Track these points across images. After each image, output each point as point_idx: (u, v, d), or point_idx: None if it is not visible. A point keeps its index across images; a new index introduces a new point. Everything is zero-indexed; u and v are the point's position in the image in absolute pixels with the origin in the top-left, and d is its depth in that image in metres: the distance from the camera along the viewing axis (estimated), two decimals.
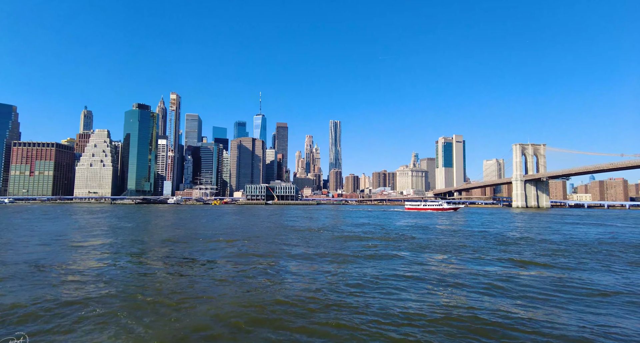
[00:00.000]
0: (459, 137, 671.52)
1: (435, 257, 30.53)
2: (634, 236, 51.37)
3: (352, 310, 15.64)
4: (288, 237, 44.85)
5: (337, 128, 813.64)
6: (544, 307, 16.48)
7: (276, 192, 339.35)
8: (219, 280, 21.10)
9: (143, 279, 21.35)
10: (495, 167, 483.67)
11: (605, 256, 31.46)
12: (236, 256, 29.94)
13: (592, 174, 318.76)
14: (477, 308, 16.12)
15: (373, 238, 45.30)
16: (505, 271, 24.61)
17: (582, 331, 13.57)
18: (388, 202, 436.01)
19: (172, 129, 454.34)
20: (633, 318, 15.16)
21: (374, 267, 25.34)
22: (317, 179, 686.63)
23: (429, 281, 21.21)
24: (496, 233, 53.53)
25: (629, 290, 19.47)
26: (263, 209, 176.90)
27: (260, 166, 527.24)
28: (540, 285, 20.72)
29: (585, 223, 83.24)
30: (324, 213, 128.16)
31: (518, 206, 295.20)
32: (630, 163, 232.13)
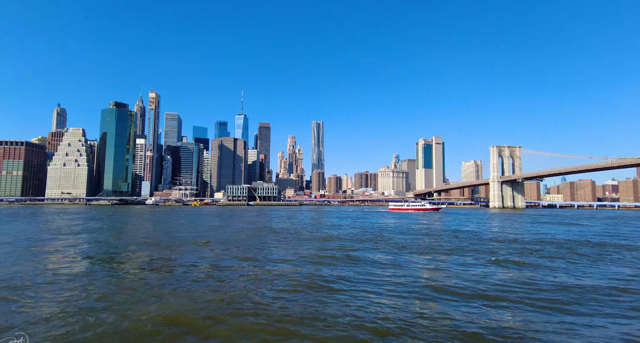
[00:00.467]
0: (439, 139, 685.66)
1: (420, 258, 31.02)
2: (596, 235, 53.83)
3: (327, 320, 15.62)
4: (267, 238, 44.54)
5: (319, 129, 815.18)
6: (514, 308, 17.00)
7: (258, 193, 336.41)
8: (194, 280, 20.72)
9: (108, 287, 20.39)
10: (473, 168, 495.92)
11: (571, 254, 32.84)
12: (212, 259, 29.44)
13: (563, 175, 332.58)
14: (453, 315, 16.44)
15: (355, 239, 45.56)
16: (487, 270, 25.28)
17: (555, 331, 14.07)
18: (370, 203, 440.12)
19: (151, 128, 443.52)
20: (605, 318, 15.84)
21: (352, 269, 25.49)
22: (300, 180, 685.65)
23: (407, 285, 21.48)
24: (478, 233, 54.95)
25: (596, 286, 20.40)
26: (244, 210, 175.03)
27: (242, 167, 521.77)
28: (516, 284, 21.38)
29: (560, 223, 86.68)
30: (305, 214, 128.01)
31: (495, 206, 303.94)
32: (597, 165, 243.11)
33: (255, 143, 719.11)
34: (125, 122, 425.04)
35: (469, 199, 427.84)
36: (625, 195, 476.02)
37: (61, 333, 13.02)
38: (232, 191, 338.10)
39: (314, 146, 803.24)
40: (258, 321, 14.55)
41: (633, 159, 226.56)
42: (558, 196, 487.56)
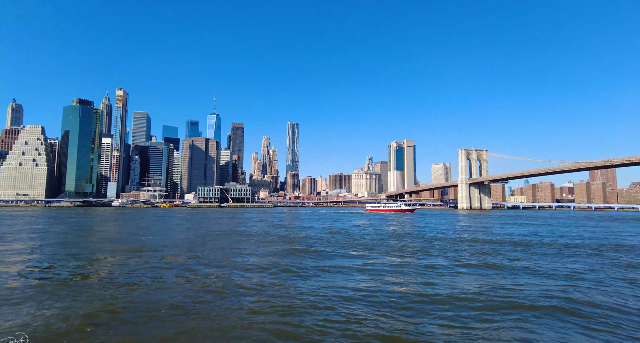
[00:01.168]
0: (410, 142, 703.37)
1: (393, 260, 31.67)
2: (550, 236, 57.34)
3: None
4: (237, 241, 43.96)
5: (294, 130, 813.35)
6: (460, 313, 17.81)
7: (231, 194, 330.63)
8: (153, 289, 20.12)
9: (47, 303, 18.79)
10: (442, 171, 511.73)
11: (528, 254, 34.84)
12: (176, 265, 28.70)
13: (526, 178, 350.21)
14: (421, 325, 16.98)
15: (332, 244, 45.84)
16: (450, 270, 26.26)
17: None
18: (343, 204, 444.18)
19: (118, 127, 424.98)
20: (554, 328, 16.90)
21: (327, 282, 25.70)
22: (274, 181, 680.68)
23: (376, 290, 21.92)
24: (453, 233, 56.88)
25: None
26: (216, 212, 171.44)
27: (214, 168, 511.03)
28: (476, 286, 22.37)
29: (523, 223, 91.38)
30: (279, 216, 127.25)
31: (463, 207, 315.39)
32: (555, 168, 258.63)
33: (228, 144, 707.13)
34: (90, 120, 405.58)
35: (439, 200, 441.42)
36: (579, 197, 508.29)
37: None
38: (204, 193, 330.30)
39: (288, 147, 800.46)
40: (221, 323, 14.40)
41: (586, 163, 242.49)
42: (521, 197, 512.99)
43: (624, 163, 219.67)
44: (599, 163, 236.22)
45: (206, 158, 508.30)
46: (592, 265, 28.93)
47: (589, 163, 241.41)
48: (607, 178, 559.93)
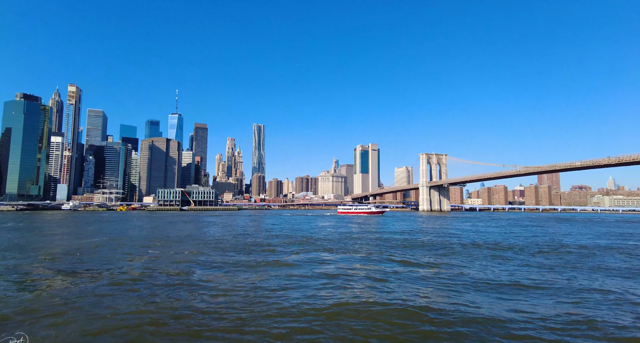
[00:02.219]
0: (375, 145, 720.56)
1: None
2: (493, 236, 61.13)
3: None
4: (192, 246, 42.63)
5: (260, 132, 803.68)
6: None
7: (193, 197, 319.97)
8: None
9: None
10: (405, 174, 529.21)
11: (468, 255, 36.92)
12: (120, 277, 27.29)
13: (482, 181, 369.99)
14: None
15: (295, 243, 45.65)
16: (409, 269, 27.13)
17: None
18: (310, 206, 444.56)
19: (70, 125, 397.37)
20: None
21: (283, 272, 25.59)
22: (239, 183, 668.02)
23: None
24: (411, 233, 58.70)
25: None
26: (177, 215, 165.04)
27: (175, 169, 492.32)
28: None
29: (478, 224, 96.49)
30: (241, 220, 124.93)
31: (424, 209, 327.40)
32: (508, 173, 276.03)
33: (191, 145, 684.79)
34: (37, 117, 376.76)
35: (401, 202, 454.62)
36: (529, 199, 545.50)
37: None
38: (164, 195, 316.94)
39: (254, 149, 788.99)
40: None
41: (534, 168, 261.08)
42: (478, 200, 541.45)
43: (566, 168, 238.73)
44: (545, 167, 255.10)
45: (167, 159, 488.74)
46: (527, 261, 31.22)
47: (537, 168, 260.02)
48: (552, 181, 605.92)
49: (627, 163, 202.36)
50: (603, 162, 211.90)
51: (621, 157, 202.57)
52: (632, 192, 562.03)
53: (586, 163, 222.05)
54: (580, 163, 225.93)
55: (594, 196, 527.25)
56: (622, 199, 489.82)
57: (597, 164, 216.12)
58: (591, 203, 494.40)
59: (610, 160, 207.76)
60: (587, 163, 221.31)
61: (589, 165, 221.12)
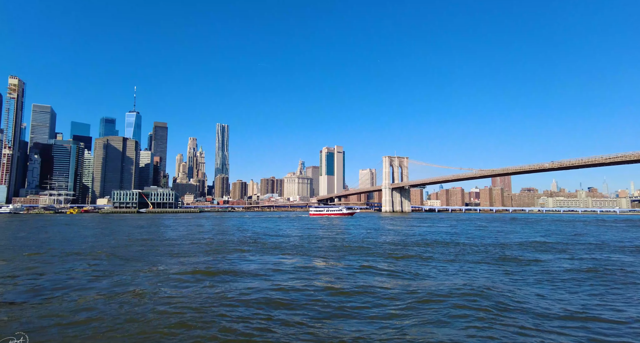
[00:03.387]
0: (340, 148, 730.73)
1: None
2: (445, 236, 64.91)
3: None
4: (144, 251, 41.28)
5: (224, 132, 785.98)
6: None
7: (151, 199, 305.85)
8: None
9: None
10: (369, 176, 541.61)
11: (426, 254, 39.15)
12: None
13: (440, 183, 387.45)
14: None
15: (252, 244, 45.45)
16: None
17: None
18: (275, 208, 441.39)
19: (11, 121, 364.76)
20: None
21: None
22: (201, 185, 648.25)
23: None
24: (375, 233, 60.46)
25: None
26: (133, 218, 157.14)
27: (132, 170, 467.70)
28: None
29: (437, 225, 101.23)
30: (206, 222, 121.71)
31: (387, 210, 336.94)
32: (464, 175, 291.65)
33: (149, 144, 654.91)
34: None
35: (365, 204, 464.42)
36: (484, 201, 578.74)
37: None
38: (119, 197, 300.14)
39: (217, 149, 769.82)
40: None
41: (488, 171, 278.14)
42: (437, 201, 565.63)
43: (516, 171, 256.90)
44: (498, 171, 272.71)
45: (123, 159, 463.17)
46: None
47: (491, 171, 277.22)
48: (504, 184, 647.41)
49: (567, 167, 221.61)
50: (547, 166, 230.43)
51: (562, 161, 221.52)
52: (571, 194, 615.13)
53: (533, 167, 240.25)
54: (528, 167, 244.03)
55: (540, 197, 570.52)
56: (563, 200, 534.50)
57: (542, 168, 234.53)
58: (537, 204, 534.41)
59: (553, 164, 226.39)
60: (534, 167, 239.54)
61: (536, 169, 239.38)
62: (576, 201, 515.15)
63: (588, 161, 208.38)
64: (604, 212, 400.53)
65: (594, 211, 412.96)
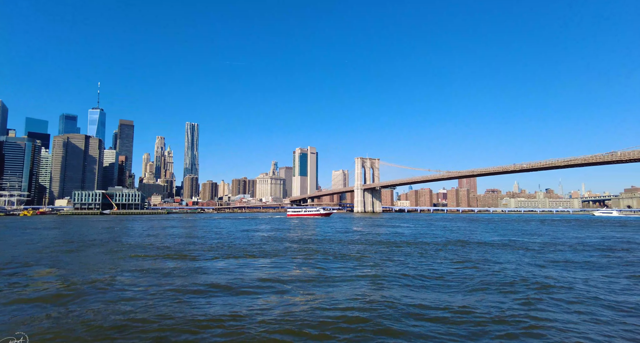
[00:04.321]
0: (313, 149, 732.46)
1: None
2: (407, 236, 67.23)
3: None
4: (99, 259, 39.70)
5: (194, 131, 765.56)
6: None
7: (116, 200, 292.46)
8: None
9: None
10: (341, 177, 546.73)
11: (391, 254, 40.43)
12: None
13: (410, 185, 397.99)
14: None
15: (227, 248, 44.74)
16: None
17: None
18: (247, 209, 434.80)
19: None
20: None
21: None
22: (169, 185, 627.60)
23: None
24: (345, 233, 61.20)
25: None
26: (95, 220, 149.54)
27: (95, 169, 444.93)
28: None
29: (405, 226, 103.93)
30: (173, 223, 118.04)
31: (358, 211, 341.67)
32: (432, 177, 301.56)
33: (114, 143, 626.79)
34: None
35: (338, 204, 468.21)
36: (451, 201, 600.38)
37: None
38: (81, 198, 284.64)
39: (187, 149, 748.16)
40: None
41: (455, 173, 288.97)
42: (406, 202, 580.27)
43: (481, 173, 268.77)
44: (464, 172, 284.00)
45: (85, 158, 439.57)
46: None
47: (457, 173, 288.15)
48: (470, 185, 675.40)
49: (527, 169, 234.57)
50: (510, 168, 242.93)
51: (522, 164, 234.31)
52: (530, 195, 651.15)
53: (496, 169, 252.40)
54: (492, 169, 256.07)
55: (503, 198, 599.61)
56: (524, 200, 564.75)
57: (505, 170, 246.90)
58: (501, 204, 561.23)
59: (514, 167, 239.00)
60: (497, 169, 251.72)
61: (499, 171, 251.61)
62: (535, 202, 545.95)
63: (545, 164, 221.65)
64: (559, 212, 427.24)
65: (551, 211, 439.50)
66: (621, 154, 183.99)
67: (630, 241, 54.80)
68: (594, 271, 27.94)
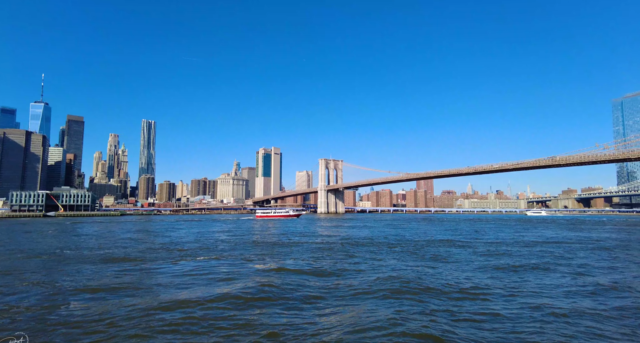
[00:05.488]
0: (277, 149, 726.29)
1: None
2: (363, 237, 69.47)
3: None
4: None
5: (151, 129, 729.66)
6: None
7: (62, 201, 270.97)
8: None
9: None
10: (305, 178, 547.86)
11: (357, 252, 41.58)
12: None
13: (371, 186, 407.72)
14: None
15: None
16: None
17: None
18: (207, 211, 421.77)
19: None
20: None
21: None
22: (123, 186, 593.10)
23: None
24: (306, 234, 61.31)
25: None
26: (39, 223, 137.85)
27: (38, 168, 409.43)
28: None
29: (367, 226, 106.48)
30: (125, 226, 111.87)
31: (322, 211, 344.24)
32: (392, 178, 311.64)
33: (61, 140, 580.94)
34: None
35: (301, 205, 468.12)
36: (410, 202, 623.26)
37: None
38: (19, 199, 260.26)
39: (143, 148, 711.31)
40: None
41: (414, 174, 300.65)
42: (368, 202, 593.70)
43: (438, 175, 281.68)
44: (422, 174, 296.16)
45: (26, 156, 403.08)
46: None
47: (416, 175, 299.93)
48: (428, 187, 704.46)
49: (479, 172, 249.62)
50: (464, 171, 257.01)
51: (475, 167, 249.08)
52: (482, 196, 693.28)
53: (452, 171, 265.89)
54: (448, 171, 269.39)
55: (458, 199, 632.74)
56: (477, 201, 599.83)
57: (460, 172, 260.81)
58: (456, 205, 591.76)
59: (468, 169, 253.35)
60: (453, 171, 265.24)
61: (455, 173, 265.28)
62: (487, 203, 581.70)
63: (496, 167, 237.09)
64: (508, 212, 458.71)
65: (500, 211, 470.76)
66: (560, 159, 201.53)
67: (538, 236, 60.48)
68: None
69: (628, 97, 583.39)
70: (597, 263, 31.27)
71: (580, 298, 19.09)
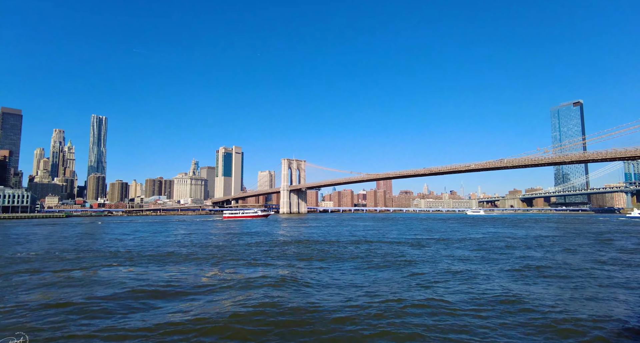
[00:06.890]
0: (238, 148, 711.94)
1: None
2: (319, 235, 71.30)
3: None
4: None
5: (101, 125, 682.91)
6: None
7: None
8: None
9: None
10: (268, 178, 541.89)
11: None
12: None
13: (333, 186, 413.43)
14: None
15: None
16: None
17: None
18: (163, 212, 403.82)
19: None
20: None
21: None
22: (70, 185, 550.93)
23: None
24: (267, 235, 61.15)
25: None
26: None
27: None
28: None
29: (330, 226, 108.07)
30: (76, 230, 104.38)
31: (284, 212, 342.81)
32: (354, 179, 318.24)
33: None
34: None
35: (263, 205, 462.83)
36: (370, 202, 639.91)
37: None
38: None
39: (92, 145, 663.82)
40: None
41: (374, 175, 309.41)
42: (330, 202, 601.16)
43: (397, 175, 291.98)
44: (382, 175, 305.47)
45: None
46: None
47: (375, 175, 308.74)
48: (387, 187, 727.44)
49: (434, 173, 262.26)
50: (421, 171, 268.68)
51: (431, 168, 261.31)
52: (437, 196, 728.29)
53: (410, 172, 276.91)
54: (406, 172, 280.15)
55: (415, 199, 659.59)
56: (432, 201, 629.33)
57: (417, 173, 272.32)
58: (413, 204, 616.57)
59: (425, 170, 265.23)
60: (410, 172, 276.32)
61: (412, 174, 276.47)
62: (442, 202, 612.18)
63: (449, 169, 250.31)
64: (460, 211, 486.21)
65: (454, 211, 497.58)
66: (507, 162, 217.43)
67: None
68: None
69: (563, 106, 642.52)
70: (477, 254, 34.82)
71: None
